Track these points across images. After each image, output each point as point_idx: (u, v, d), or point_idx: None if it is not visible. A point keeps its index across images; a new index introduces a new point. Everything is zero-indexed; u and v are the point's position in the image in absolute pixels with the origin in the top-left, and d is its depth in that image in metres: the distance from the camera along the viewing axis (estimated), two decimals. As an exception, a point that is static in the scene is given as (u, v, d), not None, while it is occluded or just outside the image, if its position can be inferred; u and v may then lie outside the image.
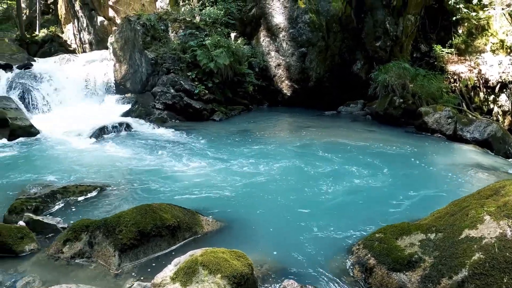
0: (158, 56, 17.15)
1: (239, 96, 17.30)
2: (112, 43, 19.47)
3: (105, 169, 9.73)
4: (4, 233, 5.84)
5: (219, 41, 16.78)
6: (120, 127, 13.81)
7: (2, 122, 13.26)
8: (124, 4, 25.16)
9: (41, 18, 33.50)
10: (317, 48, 17.18)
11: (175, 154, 10.92)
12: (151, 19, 18.22)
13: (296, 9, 17.17)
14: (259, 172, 9.23)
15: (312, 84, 17.44)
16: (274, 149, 11.27)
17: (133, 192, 8.18)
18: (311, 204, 7.56)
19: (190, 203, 7.25)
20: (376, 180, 8.83)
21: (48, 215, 7.04)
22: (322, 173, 9.22)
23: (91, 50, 28.11)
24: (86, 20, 29.30)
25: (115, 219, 5.77)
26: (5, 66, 18.75)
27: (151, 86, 16.97)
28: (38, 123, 14.13)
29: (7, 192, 8.34)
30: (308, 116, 16.04)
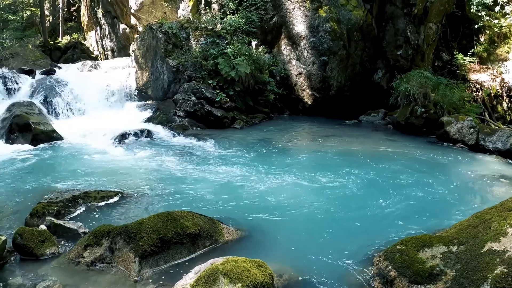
0: (179, 63, 17.22)
1: (260, 105, 17.27)
2: (134, 50, 19.62)
3: (126, 175, 9.80)
4: (25, 236, 5.91)
5: (240, 49, 16.81)
6: (141, 134, 13.91)
7: (25, 126, 13.45)
8: (146, 12, 25.35)
9: (64, 25, 33.86)
10: (338, 57, 17.13)
11: (196, 161, 10.95)
12: (172, 27, 18.31)
13: (317, 17, 17.14)
14: (279, 181, 9.19)
15: (333, 93, 17.39)
16: (294, 158, 11.24)
17: (153, 199, 8.20)
18: (332, 214, 7.51)
19: (210, 211, 7.26)
20: (397, 190, 8.75)
21: (69, 219, 7.10)
22: (343, 183, 9.15)
23: (113, 57, 28.33)
24: (109, 28, 29.54)
25: (136, 226, 5.80)
26: (28, 71, 19.02)
27: (173, 93, 17.04)
28: (60, 128, 14.29)
29: (29, 196, 8.45)
30: (329, 125, 15.97)
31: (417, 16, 17.04)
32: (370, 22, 17.20)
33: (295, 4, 17.67)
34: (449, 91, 15.42)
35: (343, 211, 7.64)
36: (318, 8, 17.11)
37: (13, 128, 13.57)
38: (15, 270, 5.65)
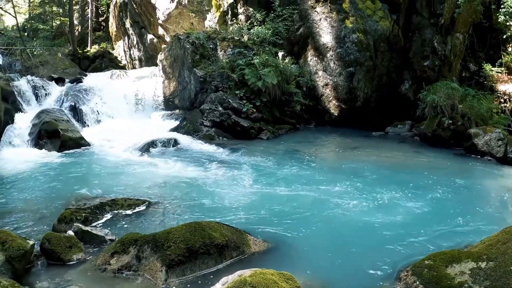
0: (206, 74, 17.30)
1: (287, 115, 17.26)
2: (161, 60, 19.76)
3: (153, 184, 9.85)
4: (53, 242, 5.97)
5: (267, 60, 16.84)
6: (168, 143, 13.98)
7: (54, 133, 13.65)
8: (173, 22, 25.52)
9: (93, 35, 34.23)
10: (365, 67, 17.04)
11: (223, 171, 10.95)
12: (200, 38, 18.42)
13: (344, 28, 17.08)
14: (306, 193, 9.16)
15: (360, 104, 17.29)
16: (321, 170, 11.17)
17: (180, 208, 8.23)
18: (359, 227, 7.45)
19: (237, 222, 7.27)
20: (424, 204, 8.65)
21: (96, 226, 7.17)
22: (370, 195, 9.07)
23: (140, 67, 28.59)
24: (136, 38, 29.80)
25: (164, 235, 5.82)
26: (58, 79, 19.33)
27: (199, 103, 17.12)
28: (88, 136, 14.52)
29: (57, 201, 8.57)
30: (355, 137, 15.87)
31: (444, 26, 16.91)
32: (397, 32, 17.10)
33: (322, 15, 17.65)
34: (477, 102, 15.24)
35: (369, 224, 7.56)
36: (345, 19, 17.07)
37: (42, 134, 13.79)
38: (41, 274, 5.72)
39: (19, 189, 9.64)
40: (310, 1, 17.99)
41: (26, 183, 10.12)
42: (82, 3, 37.48)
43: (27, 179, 10.41)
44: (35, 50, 23.81)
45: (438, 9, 16.82)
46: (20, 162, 11.95)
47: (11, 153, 13.02)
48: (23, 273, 5.58)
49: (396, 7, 17.15)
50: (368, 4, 16.90)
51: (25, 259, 5.61)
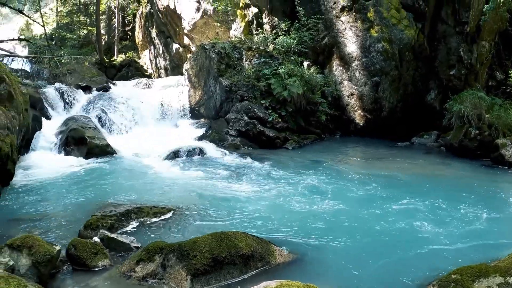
0: (232, 83, 17.34)
1: (312, 125, 17.21)
2: (187, 69, 19.89)
3: (179, 192, 9.86)
4: (79, 248, 6.01)
5: (292, 70, 16.84)
6: (194, 151, 14.00)
7: (80, 140, 13.79)
8: (198, 32, 25.68)
9: (119, 44, 34.57)
10: (390, 77, 16.94)
11: (248, 181, 10.92)
12: (225, 47, 18.49)
13: (369, 37, 17.02)
14: (332, 204, 9.05)
15: (385, 114, 17.20)
16: (347, 180, 11.04)
17: (205, 217, 8.19)
18: (384, 239, 7.34)
19: (262, 232, 7.23)
20: (450, 216, 8.49)
21: (122, 233, 7.17)
22: (396, 207, 8.95)
23: (166, 76, 28.83)
24: (162, 47, 30.05)
25: (190, 244, 5.81)
26: (85, 87, 19.58)
27: (225, 112, 17.15)
28: (114, 143, 14.61)
29: (83, 207, 8.62)
30: (380, 147, 15.77)
31: (470, 35, 16.74)
32: (422, 41, 16.97)
33: (347, 24, 17.61)
34: (504, 112, 14.98)
35: (395, 236, 7.45)
36: (370, 28, 17.01)
37: (69, 141, 13.93)
38: (67, 279, 5.75)
39: (46, 195, 9.72)
40: (335, 11, 17.97)
41: (53, 189, 10.22)
42: (109, 13, 37.89)
43: (54, 185, 10.51)
44: (62, 59, 24.12)
45: (464, 17, 16.65)
46: (47, 168, 12.08)
47: (38, 159, 13.12)
48: (48, 278, 5.61)
49: (421, 15, 17.01)
50: (393, 13, 16.82)
51: (51, 264, 5.64)
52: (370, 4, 17.04)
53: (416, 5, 16.88)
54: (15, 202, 9.17)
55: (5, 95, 10.36)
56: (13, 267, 5.42)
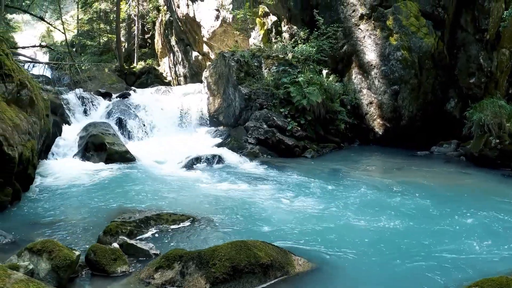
0: (251, 91, 17.37)
1: (331, 134, 17.15)
2: (206, 77, 19.96)
3: (198, 200, 9.86)
4: (98, 253, 6.03)
5: (311, 78, 16.81)
6: (212, 159, 13.98)
7: (100, 146, 13.88)
8: (218, 40, 25.76)
9: (139, 51, 34.85)
10: (410, 85, 16.81)
11: (267, 189, 10.86)
12: (245, 56, 18.53)
13: (388, 46, 16.94)
14: (351, 214, 8.97)
15: (404, 123, 17.09)
16: (366, 190, 10.93)
17: (224, 225, 8.16)
18: (405, 249, 7.25)
19: (281, 241, 7.18)
20: (471, 227, 8.36)
21: (141, 240, 7.17)
22: (416, 217, 8.85)
23: (185, 83, 28.94)
24: (181, 55, 30.19)
25: (209, 252, 5.80)
26: (105, 94, 19.78)
27: (244, 120, 17.18)
28: (134, 150, 14.65)
29: (102, 213, 8.67)
30: (400, 156, 15.66)
31: (490, 42, 16.62)
32: (442, 49, 16.84)
33: (366, 32, 17.58)
34: (525, 120, 14.87)
35: (415, 248, 7.32)
36: (389, 36, 16.93)
37: (89, 146, 14.04)
38: (85, 285, 5.78)
39: (66, 200, 9.79)
40: (354, 19, 17.95)
41: (72, 193, 10.29)
42: (129, 21, 38.19)
43: (73, 190, 10.59)
44: (83, 65, 24.34)
45: (483, 24, 16.55)
46: (66, 173, 12.16)
47: (58, 164, 13.24)
48: (67, 282, 5.62)
49: (440, 23, 16.88)
50: (412, 21, 16.71)
51: (70, 269, 5.65)
52: (389, 12, 16.99)
53: (435, 12, 16.77)
54: (35, 206, 9.25)
55: (27, 101, 10.45)
56: (33, 270, 5.45)
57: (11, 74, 10.00)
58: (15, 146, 8.90)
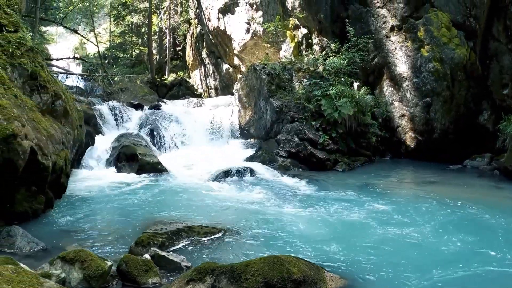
0: (282, 104, 17.39)
1: (362, 147, 17.02)
2: (237, 89, 20.04)
3: (229, 212, 9.81)
4: (130, 264, 6.04)
5: (343, 91, 16.72)
6: (244, 172, 13.91)
7: (132, 156, 14.04)
8: (248, 53, 25.85)
9: (170, 64, 35.20)
10: (442, 98, 16.59)
11: (299, 203, 10.77)
12: (276, 68, 18.57)
13: (420, 57, 16.79)
14: (384, 229, 8.80)
15: (437, 136, 16.85)
16: (399, 205, 10.73)
17: (256, 239, 8.10)
18: (439, 268, 7.09)
19: (313, 256, 7.11)
20: (506, 246, 8.13)
21: (172, 251, 7.16)
22: (449, 233, 8.63)
23: (216, 95, 29.11)
24: (212, 67, 30.38)
25: (242, 267, 5.75)
26: (137, 105, 20.01)
27: (275, 133, 17.18)
28: (165, 161, 14.79)
29: (133, 224, 8.71)
30: (432, 170, 15.39)
31: (523, 52, 16.36)
32: (474, 60, 16.54)
33: (397, 44, 17.47)
34: (560, 133, 14.54)
35: (449, 266, 7.07)
36: (420, 47, 16.78)
37: (121, 157, 14.22)
38: (116, 295, 5.79)
39: (97, 209, 9.90)
40: (385, 30, 17.85)
41: (104, 203, 10.41)
42: (160, 34, 38.65)
43: (105, 199, 10.71)
44: (115, 77, 24.63)
45: (516, 33, 16.29)
46: (98, 182, 12.34)
47: (91, 174, 13.46)
48: (98, 292, 5.66)
49: (472, 33, 16.60)
50: (443, 32, 16.52)
51: (102, 279, 5.70)
52: (420, 23, 16.85)
53: (466, 22, 16.52)
54: (67, 214, 9.35)
55: (61, 111, 10.61)
56: (64, 279, 5.49)
57: (46, 85, 10.17)
58: (49, 155, 9.02)
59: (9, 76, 9.24)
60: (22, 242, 7.17)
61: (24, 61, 9.75)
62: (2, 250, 7.00)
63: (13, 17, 10.22)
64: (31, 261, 6.46)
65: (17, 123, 8.10)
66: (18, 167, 7.96)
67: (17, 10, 10.83)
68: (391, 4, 17.52)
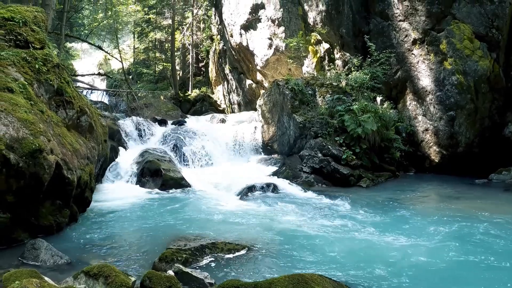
0: (306, 120, 17.40)
1: (386, 162, 16.92)
2: (260, 105, 20.08)
3: (252, 229, 9.76)
4: (154, 280, 6.01)
5: (366, 106, 16.65)
6: (267, 188, 13.90)
7: (156, 172, 14.17)
8: (271, 68, 25.89)
9: (193, 79, 35.39)
10: (466, 111, 16.39)
11: (323, 220, 10.65)
12: (299, 84, 18.58)
13: (443, 70, 16.64)
14: (410, 246, 8.66)
15: (461, 149, 16.67)
16: (425, 221, 10.54)
17: (280, 256, 8.04)
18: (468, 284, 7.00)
19: (338, 274, 7.04)
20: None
21: (196, 268, 7.13)
22: (476, 251, 8.40)
23: (239, 111, 29.17)
24: (235, 83, 30.46)
25: (266, 285, 5.66)
26: (161, 121, 20.24)
27: (298, 149, 17.16)
28: (188, 176, 14.82)
29: (157, 239, 8.74)
30: (457, 185, 15.15)
31: (547, 62, 16.15)
32: (498, 72, 16.34)
33: (419, 57, 17.37)
34: None
35: (474, 285, 7.08)
36: (443, 60, 16.65)
37: (145, 172, 14.35)
38: (139, 311, 5.79)
39: (121, 223, 9.99)
40: (407, 44, 17.77)
41: (128, 217, 10.50)
42: (183, 50, 38.93)
43: (128, 214, 10.81)
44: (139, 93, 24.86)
45: (539, 44, 16.09)
46: (123, 197, 12.45)
47: (115, 188, 13.60)
48: (122, 307, 5.66)
49: (495, 44, 16.40)
50: (466, 44, 16.35)
51: (126, 295, 5.70)
52: (442, 36, 16.73)
53: (489, 34, 16.32)
54: (91, 228, 9.47)
55: (86, 127, 10.74)
56: (88, 294, 5.52)
57: (71, 101, 10.32)
58: (74, 170, 9.12)
59: (36, 91, 9.39)
60: (46, 255, 7.24)
61: (50, 77, 9.91)
62: (26, 263, 7.09)
63: (39, 34, 10.40)
64: (55, 274, 6.53)
65: (43, 138, 8.21)
66: (44, 181, 8.07)
67: (43, 27, 11.01)
68: (413, 17, 17.43)
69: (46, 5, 16.51)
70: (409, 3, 17.42)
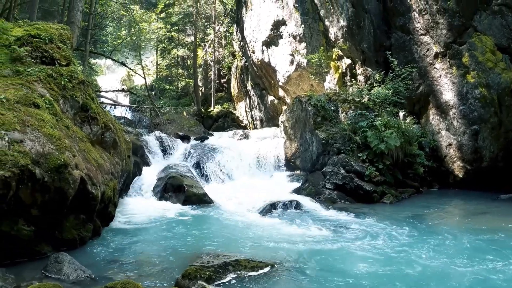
0: (328, 136, 17.37)
1: (409, 178, 16.73)
2: (283, 121, 20.12)
3: (275, 246, 9.67)
4: (178, 297, 6.05)
5: (389, 122, 16.55)
6: (290, 205, 13.81)
7: (178, 187, 14.23)
8: (293, 84, 25.92)
9: (215, 95, 35.61)
10: (490, 124, 16.14)
11: (346, 237, 10.53)
12: (321, 100, 18.55)
13: (465, 84, 16.47)
14: (437, 264, 8.51)
15: (486, 164, 16.40)
16: (451, 238, 10.40)
17: (304, 274, 7.95)
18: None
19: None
20: None
21: (219, 285, 7.14)
22: (504, 273, 8.14)
23: (261, 127, 29.23)
24: (257, 99, 30.55)
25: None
26: (183, 137, 20.37)
27: (321, 165, 17.10)
28: (211, 193, 14.86)
29: (179, 255, 8.75)
30: (482, 201, 14.92)
31: None
32: (521, 83, 16.20)
33: (441, 71, 17.23)
34: None
35: None
36: (465, 74, 16.47)
37: (168, 188, 14.41)
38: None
39: (143, 238, 10.03)
40: (429, 58, 17.66)
41: (150, 233, 10.55)
42: (205, 66, 39.20)
43: (151, 229, 10.86)
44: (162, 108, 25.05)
45: (560, 53, 15.85)
46: (145, 212, 12.51)
47: (138, 203, 13.66)
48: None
49: (516, 56, 16.28)
50: (488, 56, 16.14)
51: (150, 311, 5.72)
52: (464, 49, 16.58)
53: (511, 46, 16.20)
54: (114, 243, 9.52)
55: (111, 142, 10.86)
56: (111, 309, 5.54)
57: (96, 116, 10.45)
58: (98, 185, 9.21)
59: (61, 107, 9.53)
60: (69, 269, 7.29)
61: (76, 94, 10.06)
62: (49, 276, 7.15)
63: (65, 51, 10.57)
64: (78, 288, 6.56)
65: (68, 153, 8.31)
66: (68, 196, 8.17)
67: (69, 45, 11.18)
68: (434, 31, 17.33)
69: (72, 23, 16.75)
70: (430, 16, 17.33)
